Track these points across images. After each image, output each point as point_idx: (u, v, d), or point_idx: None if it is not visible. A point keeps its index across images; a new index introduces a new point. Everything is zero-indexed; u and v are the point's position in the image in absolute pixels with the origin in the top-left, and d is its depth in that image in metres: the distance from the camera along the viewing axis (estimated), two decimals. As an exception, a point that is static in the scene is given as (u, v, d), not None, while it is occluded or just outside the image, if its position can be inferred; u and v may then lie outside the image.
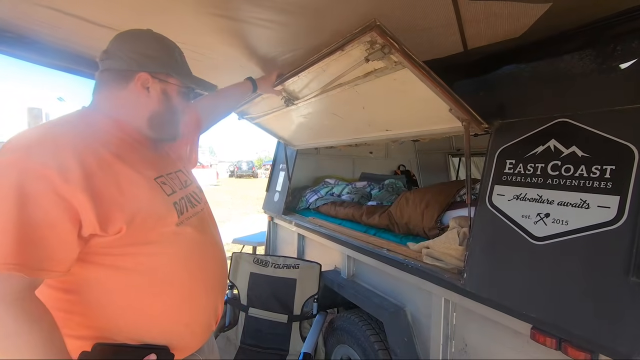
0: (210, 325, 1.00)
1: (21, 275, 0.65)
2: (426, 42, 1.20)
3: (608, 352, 0.86)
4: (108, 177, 0.75)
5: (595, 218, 0.92)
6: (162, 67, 0.92)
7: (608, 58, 0.97)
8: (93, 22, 1.21)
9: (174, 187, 0.93)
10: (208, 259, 0.98)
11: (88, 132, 0.80)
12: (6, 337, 0.64)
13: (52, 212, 0.67)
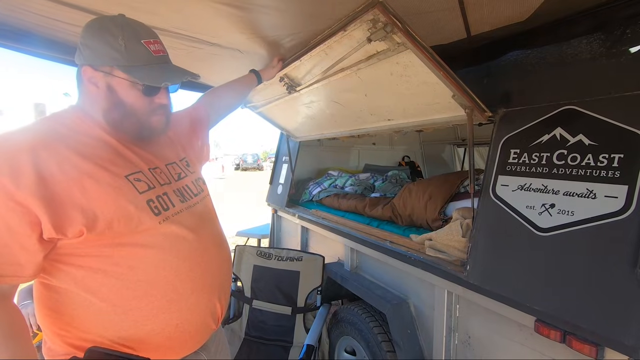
0: (206, 325, 0.96)
1: None
2: (428, 26, 1.16)
3: (614, 346, 0.84)
4: (69, 178, 0.74)
5: (602, 208, 0.89)
6: (102, 59, 0.82)
7: (617, 42, 0.93)
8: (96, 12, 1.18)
9: (153, 183, 0.88)
10: (199, 257, 0.93)
11: (53, 131, 0.79)
12: None
13: (8, 218, 0.67)
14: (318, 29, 1.20)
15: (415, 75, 1.15)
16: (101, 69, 0.83)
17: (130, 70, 0.83)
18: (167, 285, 0.85)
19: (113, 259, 0.79)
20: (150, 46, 0.86)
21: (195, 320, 0.92)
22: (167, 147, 1.05)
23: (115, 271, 0.79)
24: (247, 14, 1.15)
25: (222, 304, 1.00)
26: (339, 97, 1.69)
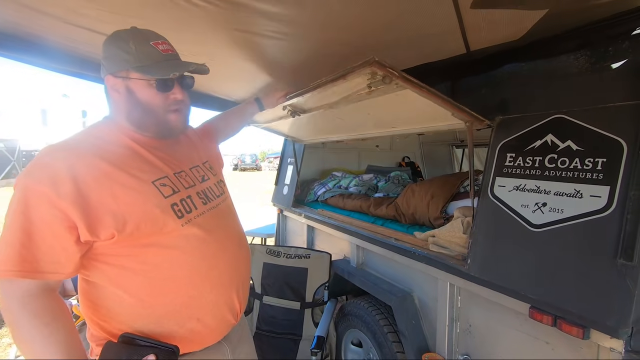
0: (226, 319, 1.03)
1: (32, 279, 0.75)
2: (432, 45, 1.29)
3: (598, 327, 0.95)
4: (102, 187, 0.81)
5: (588, 206, 1.01)
6: (118, 65, 0.91)
7: (601, 58, 1.05)
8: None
9: (177, 187, 0.95)
10: (218, 256, 1.00)
11: (86, 144, 0.88)
12: (22, 334, 0.76)
13: (50, 223, 0.76)
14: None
15: (416, 101, 1.24)
16: (119, 75, 0.91)
17: (143, 69, 0.90)
18: (188, 283, 0.93)
19: (140, 258, 0.88)
20: (158, 46, 0.93)
21: (215, 315, 0.99)
22: (191, 151, 1.13)
23: (142, 269, 0.88)
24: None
25: (240, 300, 1.07)
26: (343, 116, 1.79)
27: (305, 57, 1.54)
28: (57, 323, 0.77)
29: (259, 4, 1.05)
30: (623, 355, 0.92)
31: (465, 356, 1.43)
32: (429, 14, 1.07)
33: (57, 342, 0.76)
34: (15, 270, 0.74)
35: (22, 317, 0.75)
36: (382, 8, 1.06)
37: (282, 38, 1.30)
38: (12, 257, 0.74)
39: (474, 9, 1.01)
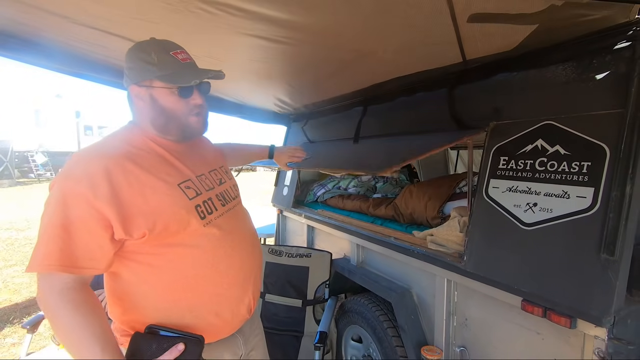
0: (241, 314, 1.10)
1: (70, 273, 0.82)
2: (431, 54, 1.37)
3: (584, 316, 1.04)
4: (134, 189, 0.88)
5: (574, 206, 1.10)
6: (141, 75, 0.97)
7: (586, 70, 1.13)
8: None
9: (200, 189, 1.02)
10: (234, 255, 1.06)
11: (119, 149, 0.94)
12: (61, 324, 0.82)
13: (88, 222, 0.82)
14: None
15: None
16: (143, 84, 0.98)
17: (165, 78, 0.96)
18: (209, 281, 1.00)
19: (166, 256, 0.94)
20: (178, 56, 1.00)
21: (232, 310, 1.07)
22: (209, 156, 1.20)
23: (168, 267, 0.95)
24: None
25: (254, 297, 1.15)
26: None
27: (308, 61, 1.61)
28: (93, 314, 0.84)
29: (271, 12, 1.12)
30: (606, 342, 1.01)
31: (461, 348, 1.51)
32: (429, 25, 1.15)
33: (94, 332, 0.82)
34: (57, 265, 0.80)
35: (61, 309, 0.81)
36: (385, 19, 1.13)
37: (289, 42, 1.36)
38: (54, 253, 0.80)
39: (470, 23, 1.10)
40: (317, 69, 1.66)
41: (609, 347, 1.01)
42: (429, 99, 1.73)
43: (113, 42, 1.47)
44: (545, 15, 1.02)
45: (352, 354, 2.24)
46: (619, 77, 1.05)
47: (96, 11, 1.21)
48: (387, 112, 2.01)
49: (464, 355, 1.51)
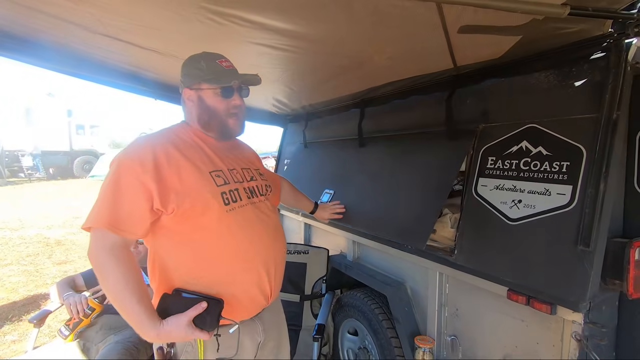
0: (256, 300, 1.19)
1: (114, 233, 0.97)
2: (424, 61, 1.46)
3: (563, 303, 1.13)
4: (172, 169, 1.05)
5: (555, 203, 1.19)
6: (193, 79, 1.17)
7: (566, 77, 1.23)
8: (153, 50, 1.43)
9: (228, 179, 1.16)
10: (252, 244, 1.16)
11: (168, 138, 1.13)
12: (104, 276, 0.98)
13: (134, 191, 0.99)
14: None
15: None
16: (193, 87, 1.17)
17: (210, 80, 1.14)
18: (224, 263, 1.12)
19: (190, 237, 1.08)
20: (222, 63, 1.17)
21: (247, 294, 1.16)
22: (245, 158, 1.35)
23: (191, 247, 1.09)
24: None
25: (271, 286, 1.22)
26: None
27: (308, 66, 1.70)
28: (132, 271, 0.99)
29: (275, 23, 1.21)
30: (583, 326, 1.11)
31: (452, 337, 1.61)
32: (422, 35, 1.24)
33: (132, 285, 0.97)
34: (105, 223, 0.97)
35: (107, 262, 0.97)
36: (381, 29, 1.22)
37: (290, 50, 1.45)
38: (105, 214, 0.97)
39: (460, 34, 1.19)
40: (316, 73, 1.75)
41: (585, 330, 1.11)
42: (424, 101, 1.82)
43: (115, 45, 1.53)
44: (528, 27, 1.11)
45: (349, 347, 2.33)
46: (594, 85, 1.15)
47: (106, 19, 1.27)
48: (385, 113, 2.10)
49: (454, 343, 1.60)
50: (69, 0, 1.15)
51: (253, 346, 1.23)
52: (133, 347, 1.71)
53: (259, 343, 1.25)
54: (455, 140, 1.61)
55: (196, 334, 1.01)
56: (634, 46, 1.11)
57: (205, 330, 1.03)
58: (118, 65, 1.80)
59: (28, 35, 1.49)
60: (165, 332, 0.99)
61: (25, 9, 1.26)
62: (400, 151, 1.93)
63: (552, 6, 0.97)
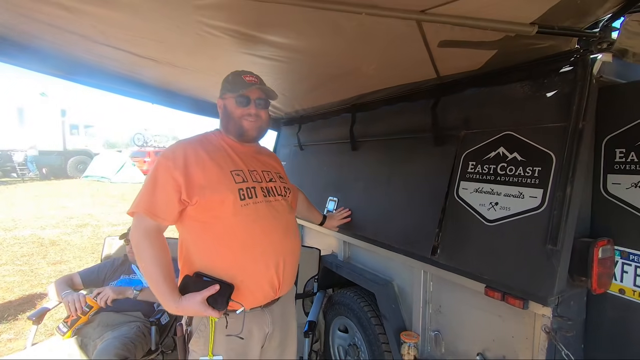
0: (265, 290, 1.31)
1: (151, 218, 1.18)
2: (409, 70, 1.55)
3: (533, 298, 1.22)
4: (199, 166, 1.24)
5: (528, 205, 1.28)
6: (222, 91, 1.39)
7: (539, 88, 1.32)
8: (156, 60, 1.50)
9: (247, 178, 1.32)
10: (263, 238, 1.30)
11: (199, 141, 1.34)
12: (140, 253, 1.19)
13: (167, 184, 1.20)
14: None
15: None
16: (221, 97, 1.38)
17: (231, 90, 1.33)
18: (236, 253, 1.27)
19: (209, 227, 1.26)
20: (245, 77, 1.34)
21: (256, 283, 1.29)
22: (267, 162, 1.50)
23: (209, 236, 1.26)
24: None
25: (280, 279, 1.34)
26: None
27: (300, 75, 1.78)
28: (162, 252, 1.20)
29: (267, 36, 1.29)
30: (551, 319, 1.20)
31: (436, 332, 1.69)
32: (405, 48, 1.33)
33: (161, 265, 1.18)
34: (144, 209, 1.19)
35: (142, 243, 1.19)
36: (366, 43, 1.31)
37: (283, 60, 1.54)
38: (143, 202, 1.20)
39: (440, 47, 1.27)
40: (307, 81, 1.83)
41: (553, 323, 1.20)
42: (410, 108, 1.91)
43: (115, 53, 1.60)
44: (502, 43, 1.21)
45: (339, 344, 2.41)
46: (563, 96, 1.25)
47: (109, 32, 1.34)
48: (375, 119, 2.18)
49: (438, 338, 1.69)
50: (71, 13, 1.22)
51: (261, 335, 1.35)
52: (130, 343, 1.77)
53: (266, 333, 1.37)
54: (442, 145, 1.70)
55: (208, 311, 1.18)
56: (599, 61, 1.21)
57: (217, 309, 1.18)
58: (117, 72, 1.87)
59: (29, 42, 1.56)
60: (182, 307, 1.18)
61: (33, 21, 1.32)
62: (392, 155, 2.01)
63: (522, 25, 1.06)
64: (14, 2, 1.20)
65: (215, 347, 1.26)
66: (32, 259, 4.87)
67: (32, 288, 3.92)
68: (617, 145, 1.24)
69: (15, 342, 2.82)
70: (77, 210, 8.59)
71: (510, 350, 1.37)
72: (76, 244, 5.67)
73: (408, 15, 1.05)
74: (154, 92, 2.23)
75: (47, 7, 1.18)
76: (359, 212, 2.13)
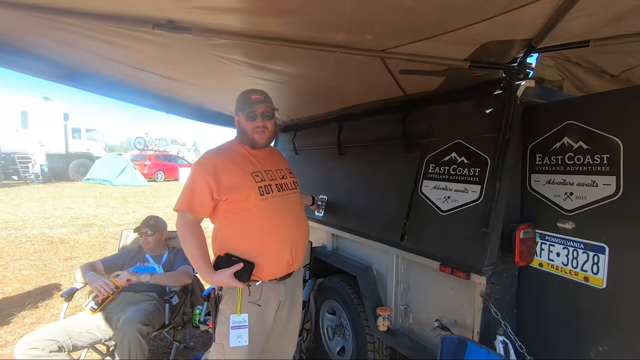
0: (281, 266, 1.64)
1: (191, 214, 1.54)
2: (379, 89, 1.91)
3: (472, 269, 1.56)
4: (226, 171, 1.56)
5: (470, 198, 1.63)
6: (236, 110, 1.69)
7: (480, 106, 1.68)
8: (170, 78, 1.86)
9: (264, 178, 1.64)
10: (279, 224, 1.63)
11: (224, 150, 1.67)
12: (185, 240, 1.54)
13: (202, 187, 1.53)
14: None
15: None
16: (237, 115, 1.69)
17: (241, 109, 1.65)
18: (258, 236, 1.60)
19: (236, 217, 1.59)
20: (252, 96, 1.63)
21: (273, 259, 1.63)
22: (278, 162, 1.81)
23: (237, 224, 1.60)
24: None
25: (293, 257, 1.67)
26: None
27: (292, 93, 2.15)
28: (200, 239, 1.56)
29: (267, 65, 1.65)
30: (485, 286, 1.54)
31: (405, 306, 2.03)
32: (374, 74, 1.69)
33: (200, 249, 1.54)
34: (186, 206, 1.54)
35: (186, 233, 1.54)
36: (343, 70, 1.68)
37: (278, 81, 1.90)
38: (185, 201, 1.54)
39: (401, 74, 1.64)
40: (298, 97, 2.20)
41: (487, 289, 1.54)
42: (385, 120, 2.27)
43: (141, 74, 1.96)
44: (447, 72, 1.57)
45: (328, 325, 2.74)
46: (496, 113, 1.60)
47: (140, 58, 1.70)
48: (357, 128, 2.54)
49: (407, 311, 2.02)
50: (112, 45, 1.57)
51: (276, 302, 1.69)
52: (150, 314, 2.10)
53: (281, 301, 1.71)
54: (411, 151, 2.05)
55: (235, 283, 1.51)
56: (523, 86, 1.57)
57: (242, 281, 1.52)
58: (140, 87, 2.23)
59: (77, 66, 1.93)
60: (216, 279, 1.52)
61: (77, 49, 1.68)
62: (372, 159, 2.37)
63: (458, 60, 1.43)
64: (69, 38, 1.54)
65: (241, 309, 1.60)
66: (44, 255, 5.18)
67: (47, 280, 4.23)
68: (537, 151, 1.60)
69: (37, 325, 3.13)
70: (81, 211, 8.90)
71: (460, 315, 1.71)
72: (84, 242, 5.98)
73: (372, 53, 1.41)
74: (169, 104, 2.59)
75: (95, 42, 1.53)
76: (345, 207, 2.48)
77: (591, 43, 1.34)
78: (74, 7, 1.18)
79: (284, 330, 1.79)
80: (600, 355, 1.37)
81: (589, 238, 1.41)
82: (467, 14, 1.07)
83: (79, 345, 2.05)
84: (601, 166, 1.36)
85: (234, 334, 1.55)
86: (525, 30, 1.21)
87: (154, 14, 1.17)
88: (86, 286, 2.39)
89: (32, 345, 1.83)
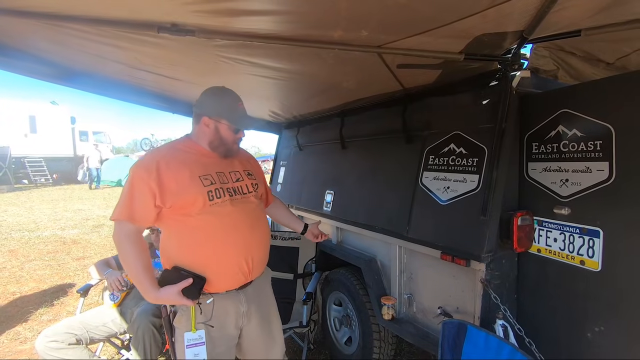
0: (236, 276, 1.45)
1: (131, 223, 1.33)
2: (380, 85, 1.96)
3: (472, 257, 1.60)
4: (171, 174, 1.34)
5: (469, 187, 1.68)
6: (214, 112, 1.45)
7: (477, 98, 1.72)
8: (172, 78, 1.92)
9: (215, 180, 1.43)
10: (231, 231, 1.43)
11: (170, 150, 1.45)
12: (124, 253, 1.34)
13: (143, 193, 1.31)
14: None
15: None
16: (213, 117, 1.45)
17: (231, 120, 1.47)
18: (209, 244, 1.41)
19: (183, 224, 1.39)
20: (239, 106, 1.50)
21: (227, 270, 1.45)
22: (236, 163, 1.60)
23: (184, 232, 1.40)
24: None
25: (249, 266, 1.48)
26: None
27: (295, 89, 2.20)
28: (142, 251, 1.35)
29: (269, 63, 1.70)
30: (485, 272, 1.58)
31: (409, 295, 2.09)
32: (373, 69, 1.73)
33: (141, 261, 1.34)
34: (125, 215, 1.33)
35: (124, 244, 1.33)
36: (343, 67, 1.72)
37: (281, 79, 1.96)
38: (124, 209, 1.33)
39: (399, 69, 1.68)
40: (302, 93, 2.25)
41: (487, 275, 1.59)
42: (386, 113, 2.31)
43: (145, 75, 2.02)
44: (443, 65, 1.61)
45: (335, 316, 2.81)
46: (493, 104, 1.64)
47: (145, 60, 1.76)
48: (359, 122, 2.59)
49: (410, 300, 2.08)
50: (118, 48, 1.63)
51: (235, 312, 1.51)
52: (163, 307, 2.19)
53: (242, 311, 1.52)
54: (411, 143, 2.10)
55: (183, 301, 1.35)
56: (518, 77, 1.61)
57: (190, 299, 1.35)
58: (145, 88, 2.30)
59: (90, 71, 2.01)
60: (161, 297, 1.34)
61: (85, 54, 1.75)
62: (374, 153, 2.42)
63: (453, 53, 1.47)
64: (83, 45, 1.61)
65: (197, 325, 1.43)
66: (57, 256, 5.33)
67: (61, 279, 4.36)
68: (534, 140, 1.63)
69: (54, 322, 3.25)
70: (91, 213, 9.08)
71: (461, 301, 1.76)
72: (96, 242, 6.12)
73: (369, 49, 1.46)
74: (174, 104, 2.66)
75: (104, 46, 1.59)
76: (350, 201, 2.54)
77: (582, 32, 1.37)
78: (82, 14, 1.24)
79: (267, 338, 1.66)
80: (596, 336, 1.42)
81: (584, 223, 1.45)
82: (458, 9, 1.11)
83: (95, 339, 2.14)
84: (594, 152, 1.40)
85: (189, 353, 1.43)
86: (516, 22, 1.25)
87: (159, 18, 1.23)
88: (100, 282, 2.48)
89: (52, 338, 1.93)
